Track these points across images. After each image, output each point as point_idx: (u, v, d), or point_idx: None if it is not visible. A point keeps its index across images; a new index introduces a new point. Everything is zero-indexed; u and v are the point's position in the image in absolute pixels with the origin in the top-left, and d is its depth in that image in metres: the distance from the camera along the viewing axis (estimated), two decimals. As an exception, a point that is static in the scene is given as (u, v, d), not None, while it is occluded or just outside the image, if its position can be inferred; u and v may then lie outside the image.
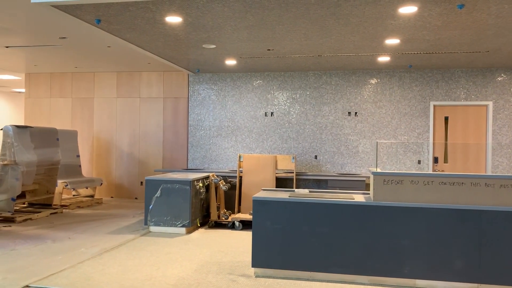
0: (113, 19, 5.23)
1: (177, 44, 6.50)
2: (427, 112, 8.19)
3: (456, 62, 7.46)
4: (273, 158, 7.54)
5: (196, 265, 4.85)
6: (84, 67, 9.37)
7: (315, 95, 8.64)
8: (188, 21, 5.27)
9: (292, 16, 4.99)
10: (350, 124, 8.48)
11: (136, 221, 7.30)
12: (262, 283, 4.26)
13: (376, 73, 8.40)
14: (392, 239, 4.25)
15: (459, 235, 4.14)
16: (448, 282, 4.16)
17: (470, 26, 5.26)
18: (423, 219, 4.20)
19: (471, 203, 4.17)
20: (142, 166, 9.67)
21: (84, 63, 8.81)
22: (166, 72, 9.55)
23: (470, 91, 8.03)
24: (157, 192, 6.50)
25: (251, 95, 8.90)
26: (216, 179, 7.13)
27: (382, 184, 4.32)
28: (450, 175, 4.23)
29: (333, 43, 6.27)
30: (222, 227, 6.98)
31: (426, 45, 6.28)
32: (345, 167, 8.49)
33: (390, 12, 4.79)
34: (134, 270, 4.60)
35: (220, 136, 9.03)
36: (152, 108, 9.64)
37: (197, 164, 9.12)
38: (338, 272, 4.34)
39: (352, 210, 4.32)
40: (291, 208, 4.44)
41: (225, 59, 7.60)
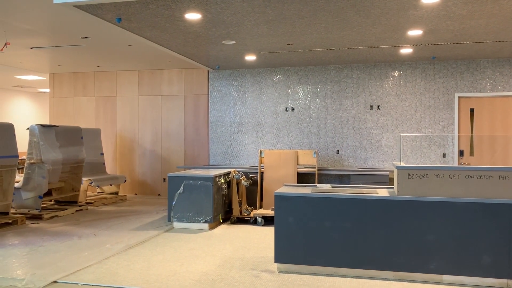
0: (133, 18, 5.27)
1: (197, 41, 6.51)
2: (451, 104, 8.00)
3: (482, 52, 7.26)
4: (294, 154, 7.50)
5: (219, 260, 4.87)
6: (106, 66, 9.50)
7: (336, 89, 8.55)
8: (208, 18, 5.27)
9: (312, 9, 4.93)
10: (373, 118, 8.36)
11: (159, 218, 7.38)
12: (285, 278, 4.25)
13: (399, 65, 8.25)
14: (417, 234, 4.17)
15: (486, 230, 4.04)
16: (476, 278, 4.06)
17: (496, 14, 5.10)
18: (449, 214, 4.11)
19: (499, 197, 4.05)
20: (164, 163, 9.76)
21: (106, 62, 8.94)
22: (186, 69, 9.60)
23: (496, 81, 7.81)
24: (180, 189, 6.55)
25: (271, 90, 8.87)
26: (237, 175, 7.14)
27: (407, 178, 4.24)
28: (477, 168, 4.12)
29: (354, 35, 6.18)
30: (244, 223, 6.99)
31: (450, 35, 6.12)
32: (368, 161, 8.38)
33: (412, 2, 4.68)
34: (158, 266, 4.65)
35: (240, 132, 9.04)
36: (173, 106, 9.71)
37: (219, 160, 9.16)
38: (362, 267, 4.29)
39: (376, 205, 4.26)
40: (314, 203, 4.40)
41: (244, 55, 7.59)
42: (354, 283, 4.12)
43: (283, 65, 8.61)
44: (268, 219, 7.03)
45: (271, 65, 8.62)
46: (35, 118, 14.94)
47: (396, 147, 8.21)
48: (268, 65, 8.61)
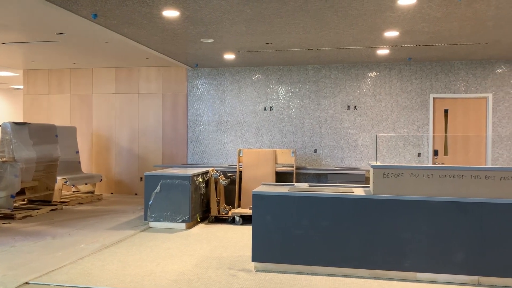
0: (109, 14, 5.19)
1: (175, 38, 6.46)
2: (426, 105, 8.16)
3: (456, 54, 7.42)
4: (273, 153, 7.52)
5: (196, 260, 4.84)
6: (82, 63, 9.33)
7: (314, 89, 8.61)
8: (186, 15, 5.23)
9: (290, 9, 4.95)
10: (350, 118, 8.45)
11: (136, 217, 7.29)
12: (262, 277, 4.26)
13: (375, 66, 8.36)
14: (392, 232, 4.23)
15: (459, 228, 4.13)
16: (449, 275, 4.15)
17: (470, 17, 5.22)
18: (423, 212, 4.19)
19: (472, 196, 4.15)
20: (141, 162, 9.65)
21: (82, 59, 8.77)
22: (164, 67, 9.51)
23: (469, 83, 8.00)
24: (157, 188, 6.48)
25: (250, 89, 8.87)
26: (215, 174, 7.11)
27: (382, 177, 4.30)
28: (450, 167, 4.21)
29: (332, 36, 6.23)
30: (222, 222, 6.97)
31: (426, 37, 6.24)
32: (345, 160, 8.47)
33: (389, 4, 4.75)
34: (134, 266, 4.59)
35: (219, 131, 9.01)
36: (151, 104, 9.61)
37: (197, 159, 9.11)
38: (339, 266, 4.33)
39: (352, 204, 4.31)
40: (291, 202, 4.42)
41: (223, 54, 7.56)
42: (331, 281, 4.15)
43: (262, 65, 8.62)
44: (246, 218, 7.02)
45: (250, 64, 8.61)
46: (8, 116, 14.55)
47: (372, 147, 8.32)
48: (247, 64, 8.61)
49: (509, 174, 4.09)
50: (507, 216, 4.05)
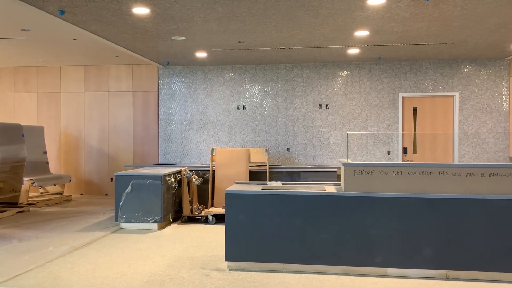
0: (77, 10, 5.06)
1: (145, 36, 6.36)
2: (396, 103, 8.32)
3: (424, 53, 7.60)
4: (246, 152, 7.52)
5: (168, 260, 4.79)
6: (50, 61, 9.07)
7: (286, 87, 8.65)
8: (156, 12, 5.16)
9: (262, 7, 4.95)
10: (322, 116, 8.53)
11: (106, 218, 7.15)
12: (235, 276, 4.25)
13: (346, 65, 8.47)
14: (363, 229, 4.30)
15: (428, 223, 4.23)
16: (418, 270, 4.24)
17: (436, 18, 5.35)
18: (393, 209, 4.27)
19: (439, 192, 4.26)
20: (112, 161, 9.48)
21: (49, 56, 8.53)
22: (135, 65, 9.36)
23: (437, 82, 8.21)
24: (128, 188, 6.37)
25: (223, 88, 8.84)
26: (188, 174, 7.05)
27: (353, 175, 4.36)
28: (419, 164, 4.30)
29: (303, 35, 6.27)
30: (195, 222, 6.92)
31: (395, 37, 6.36)
32: (317, 159, 8.55)
33: (359, 4, 4.81)
34: (105, 268, 4.50)
35: (192, 130, 8.94)
36: (121, 102, 9.44)
37: (169, 158, 9.01)
38: (311, 263, 4.36)
39: (323, 201, 4.35)
40: (264, 200, 4.43)
41: (195, 52, 7.50)
42: (303, 278, 4.18)
43: (234, 63, 8.60)
44: (220, 217, 6.99)
45: (223, 63, 8.58)
46: (-29, 115, 14.01)
47: (344, 145, 8.43)
48: (219, 63, 8.57)
49: (475, 171, 4.22)
50: (473, 211, 4.17)
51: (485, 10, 5.04)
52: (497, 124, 8.05)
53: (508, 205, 4.13)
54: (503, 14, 5.17)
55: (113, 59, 8.84)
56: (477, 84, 8.09)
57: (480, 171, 4.21)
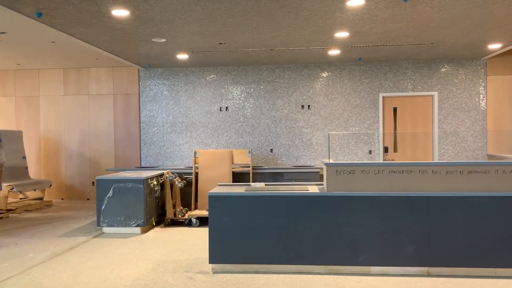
0: (55, 13, 4.98)
1: (125, 38, 6.30)
2: (376, 103, 8.42)
3: (403, 54, 7.71)
4: (229, 153, 7.51)
5: (152, 264, 4.75)
6: (28, 64, 8.91)
7: (269, 89, 8.67)
8: (136, 14, 5.12)
9: (242, 9, 4.96)
10: (304, 117, 8.58)
11: (88, 223, 7.05)
12: (219, 279, 4.23)
13: (327, 66, 8.53)
14: (346, 228, 4.33)
15: (409, 222, 4.29)
16: (401, 267, 4.30)
17: (415, 19, 5.44)
18: (375, 207, 4.31)
19: (420, 190, 4.32)
20: (93, 165, 9.35)
21: (27, 59, 8.38)
22: (115, 67, 9.27)
23: (416, 82, 8.34)
24: (109, 192, 6.30)
25: (205, 90, 8.81)
26: (171, 176, 7.01)
27: (335, 174, 4.39)
28: (399, 163, 4.36)
29: (284, 37, 6.30)
30: (178, 225, 6.88)
31: (374, 37, 6.43)
32: (300, 159, 8.59)
33: (338, 5, 4.86)
34: (87, 273, 4.44)
35: (174, 132, 8.88)
36: (102, 105, 9.33)
37: (151, 161, 8.94)
38: (295, 263, 4.38)
39: (306, 202, 4.37)
40: (247, 202, 4.43)
41: (176, 54, 7.46)
42: (287, 278, 4.20)
43: (216, 65, 8.58)
44: (204, 220, 6.97)
45: (204, 64, 8.55)
46: None
47: (326, 145, 8.49)
48: (201, 64, 8.54)
49: (454, 169, 4.29)
50: (453, 208, 4.25)
51: (461, 11, 5.14)
52: (475, 122, 8.21)
53: (486, 201, 4.22)
54: (478, 15, 5.28)
55: (93, 62, 8.74)
56: (455, 83, 8.25)
57: (459, 169, 4.29)
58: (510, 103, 8.20)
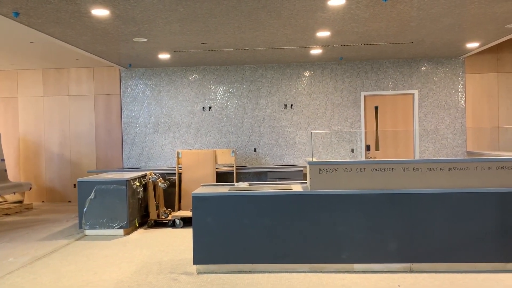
0: (33, 12, 4.89)
1: (106, 38, 6.23)
2: (358, 102, 8.50)
3: (384, 53, 7.80)
4: (213, 153, 7.48)
5: (135, 266, 4.71)
6: (5, 65, 8.73)
7: (251, 88, 8.67)
8: (116, 14, 5.06)
9: (224, 9, 4.94)
10: (287, 116, 8.61)
11: (70, 226, 6.95)
12: (204, 279, 4.22)
13: (310, 65, 8.58)
14: (330, 226, 4.37)
15: (391, 218, 4.35)
16: (384, 264, 4.35)
17: (395, 18, 5.50)
18: (357, 205, 4.35)
19: (401, 187, 4.38)
20: (74, 167, 9.22)
21: (5, 60, 8.21)
22: (96, 68, 9.15)
23: (397, 80, 8.44)
24: (91, 194, 6.22)
25: (187, 89, 8.76)
26: (154, 177, 6.95)
27: (318, 173, 4.42)
28: (381, 161, 4.41)
29: (266, 36, 6.31)
30: (162, 226, 6.83)
31: (355, 37, 6.49)
32: (284, 158, 8.62)
33: (319, 5, 4.89)
34: (69, 277, 4.38)
35: (156, 133, 8.81)
36: (82, 106, 9.20)
37: (134, 162, 8.85)
38: (280, 262, 4.39)
39: (290, 200, 4.39)
40: (231, 202, 4.42)
41: (158, 53, 7.40)
42: (272, 277, 4.21)
43: (198, 64, 8.55)
44: (187, 220, 6.93)
45: (187, 64, 8.51)
46: None
47: (309, 144, 8.53)
48: (183, 64, 8.49)
49: (434, 166, 4.36)
50: (434, 205, 4.32)
51: (439, 11, 5.22)
52: (454, 120, 8.36)
53: (466, 197, 4.30)
54: (456, 14, 5.38)
55: (73, 62, 8.61)
56: (435, 82, 8.38)
57: (439, 166, 4.36)
58: (488, 100, 8.37)
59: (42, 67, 9.14)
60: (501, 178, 4.31)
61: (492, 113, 8.37)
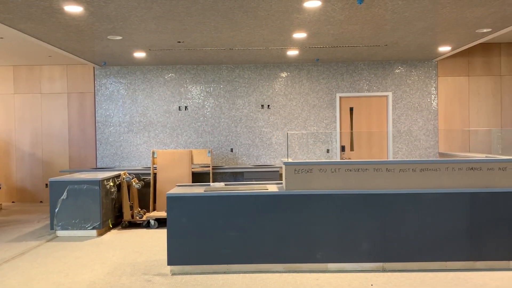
0: (3, 7, 4.75)
1: (79, 35, 6.10)
2: (333, 103, 8.59)
3: (359, 55, 7.90)
4: (189, 153, 7.43)
5: (108, 268, 4.63)
6: (-27, 61, 8.47)
7: (228, 88, 8.65)
8: (90, 11, 4.97)
9: (200, 8, 4.92)
10: (264, 117, 8.62)
11: (41, 226, 6.79)
12: (178, 280, 4.19)
13: (286, 66, 8.62)
14: (304, 226, 4.39)
15: (365, 219, 4.41)
16: (357, 263, 4.41)
17: (369, 21, 5.58)
18: (332, 205, 4.40)
19: (375, 188, 4.45)
20: (46, 167, 9.01)
21: (-27, 56, 7.96)
22: (69, 65, 8.96)
23: (372, 82, 8.57)
24: (63, 194, 6.09)
25: (163, 88, 8.68)
26: (128, 177, 6.86)
27: (293, 173, 4.44)
28: (355, 162, 4.47)
29: (243, 36, 6.30)
30: (136, 227, 6.75)
31: (331, 39, 6.56)
32: (260, 158, 8.63)
33: (295, 6, 4.91)
34: (39, 279, 4.27)
35: (131, 132, 8.69)
36: (55, 105, 9.00)
37: (108, 162, 8.71)
38: (255, 262, 4.40)
39: (265, 201, 4.40)
40: (206, 202, 4.40)
41: (133, 52, 7.31)
42: (247, 278, 4.20)
43: (175, 63, 8.47)
44: (162, 221, 6.86)
45: (163, 63, 8.42)
46: None
47: (286, 144, 8.57)
48: (159, 63, 8.40)
49: (407, 167, 4.45)
50: (406, 205, 4.40)
51: (413, 14, 5.32)
52: (427, 122, 8.53)
53: (437, 198, 4.40)
54: (429, 18, 5.49)
55: (46, 59, 8.41)
56: (408, 84, 8.54)
57: (411, 166, 4.44)
58: (460, 103, 8.58)
59: (13, 64, 8.89)
60: (470, 179, 4.43)
61: (463, 115, 8.59)
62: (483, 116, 8.58)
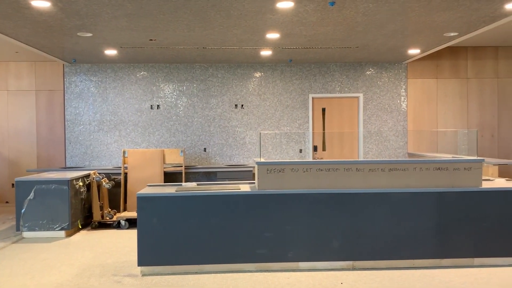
0: (-34, 1, 4.59)
1: (47, 31, 5.95)
2: (306, 104, 8.66)
3: (331, 57, 8.00)
4: (161, 152, 7.36)
5: (77, 269, 4.53)
6: None
7: (202, 87, 8.61)
8: (59, 7, 4.85)
9: (172, 6, 4.87)
10: (237, 116, 8.62)
11: (6, 228, 6.59)
12: (148, 281, 4.14)
13: (260, 66, 8.64)
14: (276, 225, 4.42)
15: (336, 218, 4.47)
16: (328, 262, 4.46)
17: (341, 22, 5.66)
18: (303, 205, 4.44)
19: (345, 187, 4.51)
20: (13, 166, 8.74)
21: None
22: (38, 62, 8.72)
23: (343, 84, 8.69)
24: (30, 194, 5.92)
25: (135, 87, 8.55)
26: (98, 177, 6.73)
27: (266, 173, 4.46)
28: (326, 162, 4.52)
29: (216, 35, 6.28)
30: (107, 228, 6.63)
31: (304, 40, 6.61)
32: (234, 158, 8.62)
33: (268, 7, 4.93)
34: (4, 282, 4.14)
35: (102, 131, 8.53)
36: (22, 102, 8.74)
37: (77, 161, 8.52)
38: (226, 262, 4.39)
39: (237, 200, 4.40)
40: (178, 202, 4.37)
41: (104, 49, 7.17)
42: (218, 278, 4.20)
43: (147, 61, 8.36)
44: (133, 221, 6.76)
45: (134, 61, 8.30)
46: None
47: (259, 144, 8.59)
48: (131, 61, 8.28)
49: (376, 166, 4.53)
50: (375, 204, 4.48)
51: (383, 17, 5.43)
52: (397, 123, 8.72)
53: (405, 197, 4.50)
54: (399, 21, 5.61)
55: (13, 55, 8.16)
56: (379, 85, 8.70)
57: (380, 166, 4.53)
58: (428, 104, 8.81)
59: (-22, 60, 8.60)
60: (437, 179, 4.55)
61: (431, 116, 8.82)
62: (450, 118, 8.83)
